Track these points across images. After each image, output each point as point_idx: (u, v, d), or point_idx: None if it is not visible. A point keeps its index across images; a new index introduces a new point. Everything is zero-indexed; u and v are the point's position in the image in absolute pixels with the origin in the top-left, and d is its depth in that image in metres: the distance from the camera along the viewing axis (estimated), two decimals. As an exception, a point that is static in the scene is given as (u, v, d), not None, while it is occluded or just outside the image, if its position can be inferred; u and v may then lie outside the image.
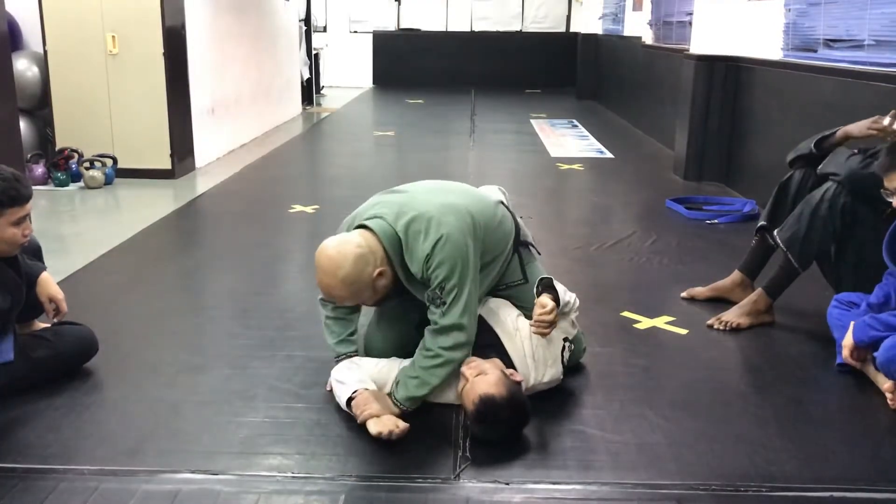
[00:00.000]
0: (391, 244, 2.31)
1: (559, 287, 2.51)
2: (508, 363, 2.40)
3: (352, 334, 2.58)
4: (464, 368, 2.31)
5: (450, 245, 2.28)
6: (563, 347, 2.51)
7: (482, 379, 2.23)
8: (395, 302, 2.54)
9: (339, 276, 2.25)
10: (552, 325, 2.41)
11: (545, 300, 2.41)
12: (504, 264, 2.59)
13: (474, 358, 2.35)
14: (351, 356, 2.53)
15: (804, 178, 3.16)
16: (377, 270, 2.29)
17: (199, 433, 2.30)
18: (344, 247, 2.27)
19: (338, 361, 2.52)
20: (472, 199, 2.51)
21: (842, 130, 3.03)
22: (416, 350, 2.40)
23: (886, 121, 2.85)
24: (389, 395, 2.35)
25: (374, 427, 2.23)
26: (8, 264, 2.41)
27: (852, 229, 2.91)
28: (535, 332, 2.42)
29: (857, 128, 2.96)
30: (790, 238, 3.00)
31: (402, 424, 2.23)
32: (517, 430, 2.27)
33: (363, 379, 2.39)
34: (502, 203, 2.68)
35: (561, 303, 2.46)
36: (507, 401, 2.19)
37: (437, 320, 2.32)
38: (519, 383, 2.30)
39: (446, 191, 2.53)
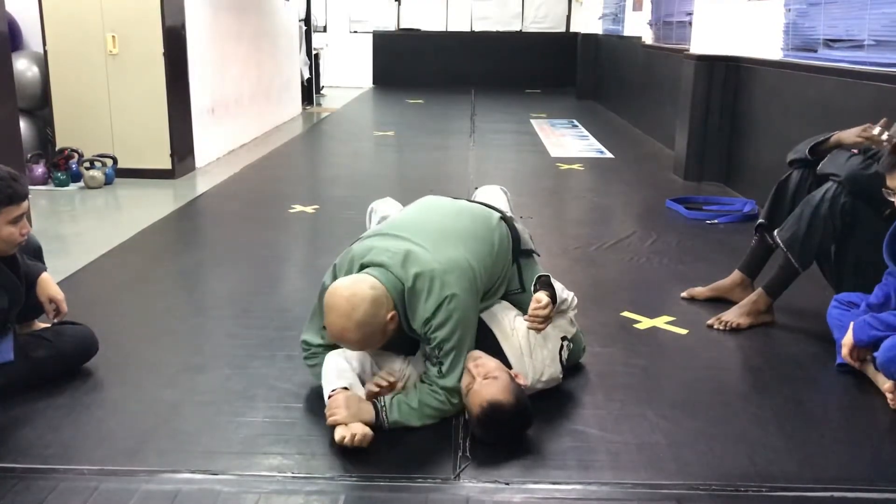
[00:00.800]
0: (397, 295, 2.27)
1: (557, 285, 2.51)
2: (505, 363, 2.39)
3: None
4: (470, 365, 2.30)
5: (452, 307, 2.26)
6: (562, 346, 2.51)
7: (491, 383, 2.21)
8: None
9: (354, 318, 2.19)
10: (546, 320, 2.41)
11: (540, 296, 2.41)
12: (503, 281, 2.59)
13: (481, 353, 2.34)
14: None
15: (803, 178, 3.17)
16: (389, 314, 2.25)
17: (199, 433, 2.30)
18: (358, 287, 2.22)
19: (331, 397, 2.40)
20: (472, 238, 2.47)
21: (835, 137, 3.03)
22: (421, 380, 2.37)
23: (876, 130, 2.86)
24: (378, 407, 2.28)
25: (337, 434, 2.19)
26: (7, 264, 2.41)
27: (852, 229, 2.92)
28: (529, 328, 2.43)
29: (848, 135, 2.96)
30: (790, 238, 3.00)
31: (362, 432, 2.17)
32: (518, 434, 2.27)
33: (345, 375, 2.34)
34: (502, 218, 2.66)
35: (558, 300, 2.47)
36: (514, 407, 2.19)
37: (435, 380, 2.31)
38: (521, 387, 2.30)
39: (446, 234, 2.45)
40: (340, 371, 2.36)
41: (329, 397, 2.29)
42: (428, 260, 2.31)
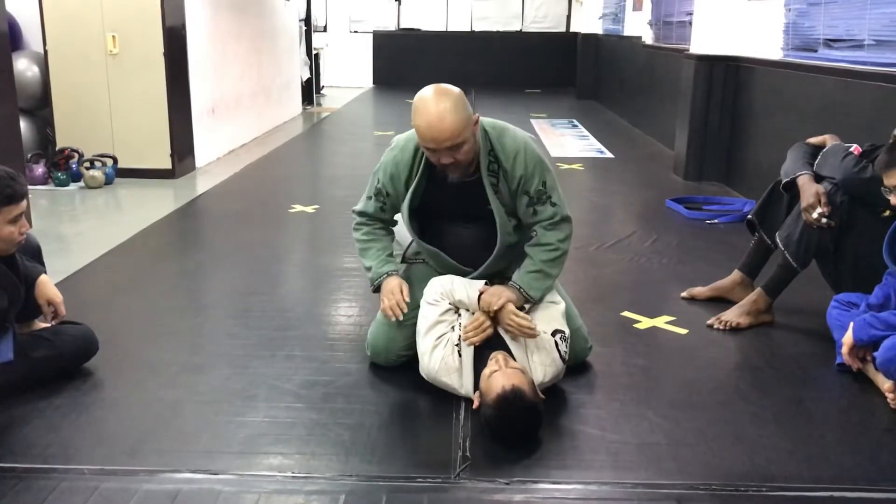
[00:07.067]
0: (481, 135, 2.47)
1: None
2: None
3: (390, 255, 2.69)
4: (500, 356, 2.34)
5: (533, 147, 2.52)
6: (556, 343, 2.49)
7: (518, 373, 2.26)
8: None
9: (451, 96, 2.34)
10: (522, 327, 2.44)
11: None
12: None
13: (509, 357, 2.38)
14: (392, 274, 2.63)
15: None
16: (475, 115, 2.41)
17: (199, 433, 2.30)
18: (446, 85, 2.40)
19: (378, 283, 2.63)
20: None
21: (800, 183, 2.99)
22: (529, 251, 2.55)
23: (815, 214, 2.86)
24: (518, 288, 2.49)
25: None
26: (6, 264, 2.41)
27: (850, 228, 2.91)
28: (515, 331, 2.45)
29: (804, 194, 2.93)
30: (788, 237, 3.00)
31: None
32: (527, 429, 2.26)
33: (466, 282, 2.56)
34: None
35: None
36: (532, 402, 2.21)
37: (550, 215, 2.53)
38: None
39: None
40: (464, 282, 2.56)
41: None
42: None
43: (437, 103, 2.32)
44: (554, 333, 2.49)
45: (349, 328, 3.13)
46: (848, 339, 2.60)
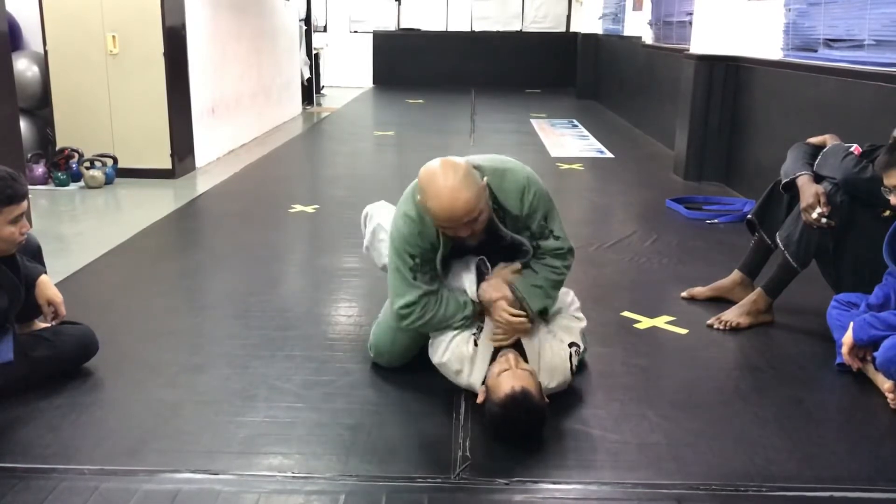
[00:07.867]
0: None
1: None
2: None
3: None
4: (510, 356, 2.35)
5: (535, 181, 2.47)
6: (571, 354, 2.51)
7: (528, 375, 2.27)
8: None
9: (460, 174, 2.25)
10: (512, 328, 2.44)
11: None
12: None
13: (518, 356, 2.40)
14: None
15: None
16: (483, 180, 2.33)
17: (199, 433, 2.30)
18: (448, 159, 2.32)
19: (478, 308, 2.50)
20: None
21: (800, 184, 2.99)
22: (535, 266, 2.52)
23: (815, 214, 2.86)
24: (521, 298, 2.46)
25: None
26: (6, 264, 2.41)
27: (850, 228, 2.91)
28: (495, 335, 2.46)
29: (804, 194, 2.93)
30: (788, 237, 3.00)
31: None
32: (531, 429, 2.26)
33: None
34: None
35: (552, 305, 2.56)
36: (539, 404, 2.22)
37: (554, 247, 2.52)
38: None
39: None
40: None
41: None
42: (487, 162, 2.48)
43: (446, 182, 2.23)
44: (570, 345, 2.52)
45: (349, 328, 3.13)
46: (848, 339, 2.60)
